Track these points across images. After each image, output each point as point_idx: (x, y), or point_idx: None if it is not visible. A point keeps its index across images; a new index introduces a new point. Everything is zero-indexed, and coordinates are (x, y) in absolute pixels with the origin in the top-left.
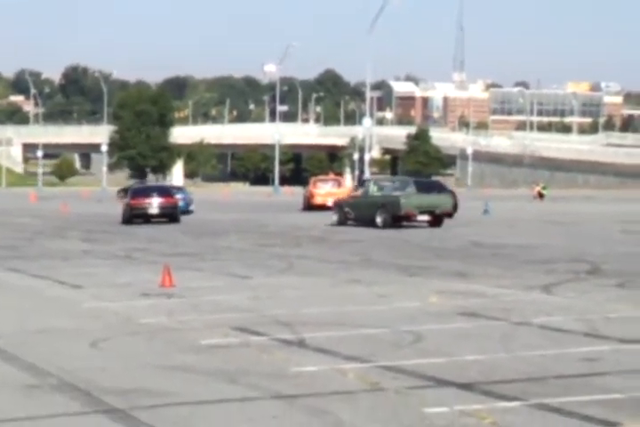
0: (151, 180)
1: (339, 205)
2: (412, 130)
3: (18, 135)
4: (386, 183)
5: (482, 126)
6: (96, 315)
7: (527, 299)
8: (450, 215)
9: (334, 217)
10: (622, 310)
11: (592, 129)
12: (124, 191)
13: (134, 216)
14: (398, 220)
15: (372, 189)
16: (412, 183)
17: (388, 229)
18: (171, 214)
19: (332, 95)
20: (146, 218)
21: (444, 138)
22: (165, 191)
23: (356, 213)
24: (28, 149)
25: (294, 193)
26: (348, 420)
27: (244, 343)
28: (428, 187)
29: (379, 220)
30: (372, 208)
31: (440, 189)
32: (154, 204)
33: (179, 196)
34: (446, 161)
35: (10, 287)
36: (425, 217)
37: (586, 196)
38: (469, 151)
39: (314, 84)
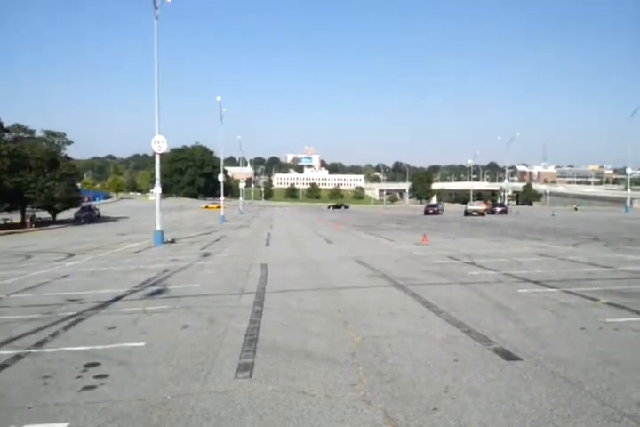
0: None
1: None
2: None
3: (379, 187)
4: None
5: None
6: (397, 250)
7: (564, 250)
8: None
9: None
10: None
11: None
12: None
13: (426, 213)
14: None
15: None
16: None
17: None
18: (436, 212)
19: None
20: (429, 214)
21: (537, 187)
22: (435, 205)
23: None
24: (381, 191)
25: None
26: (486, 293)
27: (450, 263)
28: (432, 205)
29: None
30: None
31: (437, 206)
32: (431, 208)
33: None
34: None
35: (366, 239)
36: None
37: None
38: (548, 192)
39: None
